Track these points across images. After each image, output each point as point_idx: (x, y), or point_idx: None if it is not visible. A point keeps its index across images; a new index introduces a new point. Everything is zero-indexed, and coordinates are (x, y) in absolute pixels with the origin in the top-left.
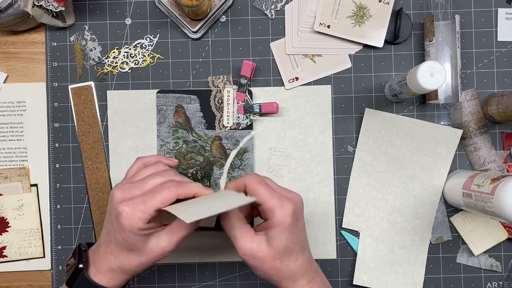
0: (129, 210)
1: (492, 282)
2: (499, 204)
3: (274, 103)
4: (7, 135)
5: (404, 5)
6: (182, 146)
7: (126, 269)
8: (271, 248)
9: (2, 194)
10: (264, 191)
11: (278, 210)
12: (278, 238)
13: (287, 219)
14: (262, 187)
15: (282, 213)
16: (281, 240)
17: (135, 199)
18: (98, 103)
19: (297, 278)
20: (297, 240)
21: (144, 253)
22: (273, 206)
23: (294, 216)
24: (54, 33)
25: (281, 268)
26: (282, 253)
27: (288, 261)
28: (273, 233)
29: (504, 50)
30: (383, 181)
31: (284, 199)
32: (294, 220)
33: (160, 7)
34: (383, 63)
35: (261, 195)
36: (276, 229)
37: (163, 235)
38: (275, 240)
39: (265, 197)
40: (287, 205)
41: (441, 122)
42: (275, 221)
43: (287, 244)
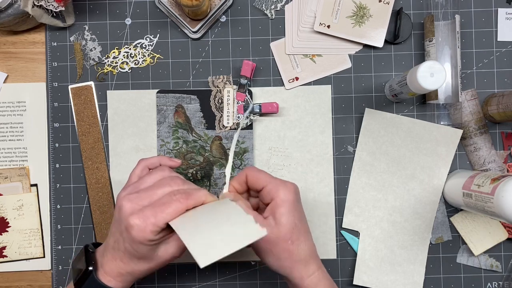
0: (140, 223)
1: (492, 282)
2: (499, 204)
3: (274, 103)
4: (7, 135)
5: (404, 5)
6: (182, 146)
7: (135, 274)
8: (281, 227)
9: (2, 194)
10: (265, 176)
11: (282, 188)
12: (286, 216)
13: (291, 195)
14: (263, 173)
15: (286, 190)
16: (288, 217)
17: (145, 211)
18: (98, 103)
19: (308, 262)
20: (302, 220)
21: (154, 260)
22: (276, 185)
23: (296, 194)
24: (54, 33)
25: (293, 249)
26: (291, 232)
27: (298, 241)
28: (280, 211)
29: (504, 50)
30: (383, 181)
31: (285, 181)
32: (297, 198)
33: (160, 7)
34: (383, 63)
35: (263, 179)
36: (282, 207)
37: (172, 242)
38: (283, 218)
39: (267, 180)
40: (289, 185)
41: (441, 122)
42: (280, 199)
43: (294, 221)
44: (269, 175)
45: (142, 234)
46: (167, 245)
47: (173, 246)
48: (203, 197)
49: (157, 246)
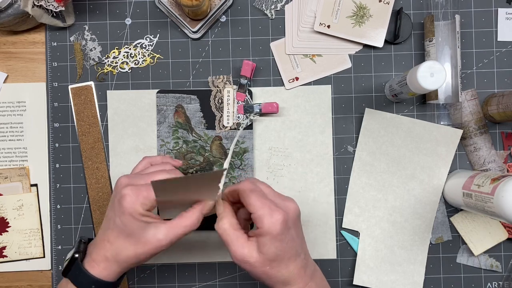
0: (132, 194)
1: (492, 282)
2: (499, 204)
3: (274, 103)
4: (7, 135)
5: (404, 5)
6: (182, 146)
7: (120, 258)
8: (261, 254)
9: (2, 194)
10: (255, 200)
11: (268, 219)
12: (268, 246)
13: (276, 228)
14: (254, 196)
15: (271, 222)
16: (270, 248)
17: (140, 186)
18: (98, 103)
19: (289, 283)
20: (288, 249)
21: (140, 242)
22: (262, 215)
23: (284, 225)
24: (54, 33)
25: (272, 274)
26: (271, 260)
27: (279, 267)
28: (263, 240)
29: (504, 50)
30: (383, 181)
31: (275, 209)
32: (283, 229)
33: (160, 7)
34: (383, 63)
35: (252, 204)
36: (266, 237)
37: (162, 227)
38: (265, 248)
39: (255, 206)
40: (277, 215)
41: (441, 122)
42: (264, 229)
43: (276, 252)
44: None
45: (132, 205)
46: (156, 229)
47: (162, 233)
48: None
49: (147, 227)
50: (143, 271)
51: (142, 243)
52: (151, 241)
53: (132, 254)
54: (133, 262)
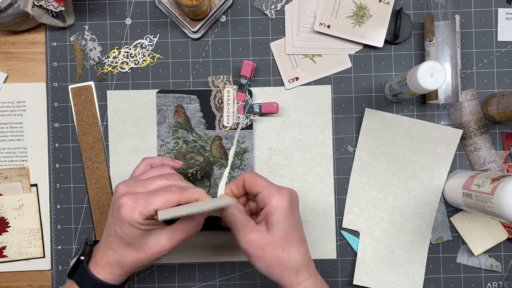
0: (131, 203)
1: (492, 282)
2: (499, 204)
3: (274, 103)
4: (7, 135)
5: (404, 5)
6: (182, 146)
7: (123, 264)
8: (271, 234)
9: (2, 194)
10: (261, 181)
11: (276, 195)
12: (277, 223)
13: (284, 202)
14: (260, 178)
15: (279, 197)
16: (280, 224)
17: (139, 195)
18: (98, 103)
19: (299, 270)
20: (296, 228)
21: (142, 250)
22: (270, 191)
23: (290, 202)
24: (54, 33)
25: (283, 257)
26: (283, 239)
27: (290, 248)
28: (272, 218)
29: (504, 50)
30: (383, 181)
31: (281, 188)
32: (290, 206)
33: (160, 7)
34: (383, 63)
35: (259, 184)
36: (275, 214)
37: (163, 233)
38: (275, 226)
39: (262, 185)
40: (284, 192)
41: (441, 122)
42: (273, 206)
43: (286, 229)
44: (266, 180)
45: (131, 214)
46: (158, 236)
47: (164, 239)
48: (197, 194)
49: (148, 234)
50: (143, 271)
51: (144, 250)
52: (153, 248)
53: (134, 260)
54: (137, 267)
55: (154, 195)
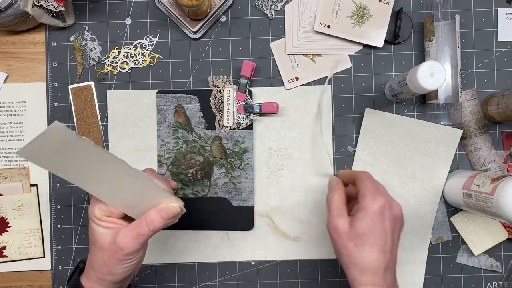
0: (93, 201)
1: (492, 282)
2: (499, 204)
3: (274, 103)
4: (7, 135)
5: (404, 5)
6: (182, 146)
7: (94, 267)
8: (351, 227)
9: (2, 194)
10: (368, 181)
11: (369, 197)
12: (359, 221)
13: (373, 207)
14: (369, 179)
15: (371, 200)
16: (361, 223)
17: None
18: (98, 103)
19: (364, 271)
20: (377, 233)
21: (105, 249)
22: (367, 193)
23: (381, 209)
24: (54, 33)
25: (353, 252)
26: (358, 236)
27: (362, 247)
28: (357, 215)
29: (504, 50)
30: (383, 181)
31: (381, 193)
32: (379, 213)
33: (160, 7)
34: (383, 63)
35: (364, 184)
36: (361, 213)
37: (123, 230)
38: (357, 222)
39: (365, 185)
40: (379, 198)
41: (441, 122)
42: (362, 204)
43: (364, 229)
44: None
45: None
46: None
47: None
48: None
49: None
50: (143, 271)
51: (107, 250)
52: (114, 246)
53: (101, 262)
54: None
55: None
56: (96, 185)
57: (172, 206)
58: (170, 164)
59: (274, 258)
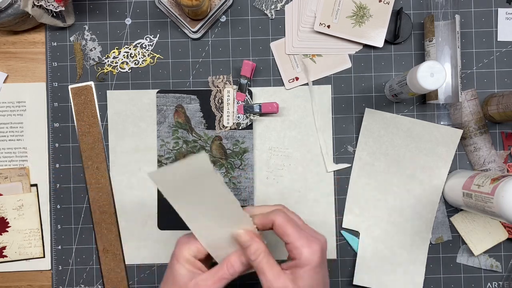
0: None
1: (492, 282)
2: (499, 204)
3: (274, 103)
4: (7, 135)
5: (404, 5)
6: (182, 146)
7: None
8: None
9: (2, 194)
10: (292, 230)
11: (306, 250)
12: (304, 278)
13: (314, 258)
14: (291, 226)
15: (310, 253)
16: (306, 280)
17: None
18: (98, 103)
19: None
20: (321, 280)
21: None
22: (301, 245)
23: (321, 257)
24: (54, 33)
25: None
26: None
27: None
28: (299, 272)
29: (504, 50)
30: (383, 181)
31: (312, 240)
32: (321, 261)
33: (160, 7)
34: (383, 63)
35: (290, 234)
36: (303, 269)
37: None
38: (301, 280)
39: (293, 237)
40: (315, 246)
41: (441, 122)
42: (302, 261)
43: (312, 284)
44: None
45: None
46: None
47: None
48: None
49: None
50: (143, 271)
51: None
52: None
53: None
54: None
55: None
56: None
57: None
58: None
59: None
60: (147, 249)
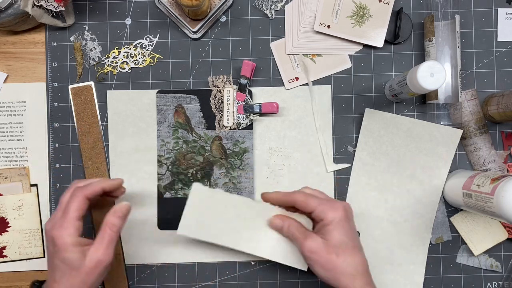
0: (57, 232)
1: (492, 282)
2: (499, 204)
3: (274, 103)
4: (7, 135)
5: (404, 5)
6: (182, 146)
7: None
8: (327, 241)
9: (2, 194)
10: (313, 201)
11: (330, 210)
12: (332, 232)
13: (339, 214)
14: (311, 198)
15: (333, 211)
16: (334, 233)
17: (58, 221)
18: (98, 103)
19: (355, 276)
20: (351, 237)
21: (84, 271)
22: (325, 209)
23: (345, 214)
24: (54, 33)
25: (338, 262)
26: (337, 247)
27: (344, 255)
28: (328, 228)
29: (504, 50)
30: (383, 181)
31: (334, 201)
32: (345, 217)
33: (160, 7)
34: (383, 63)
35: (312, 204)
36: (330, 226)
37: (94, 245)
38: (330, 234)
39: (315, 205)
40: (338, 205)
41: (441, 122)
42: (328, 220)
43: (341, 237)
44: (318, 199)
45: (62, 241)
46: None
47: (97, 250)
48: (101, 184)
49: (83, 254)
50: (143, 271)
51: (86, 270)
52: (92, 264)
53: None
54: None
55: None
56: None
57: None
58: (170, 164)
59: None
60: (147, 249)
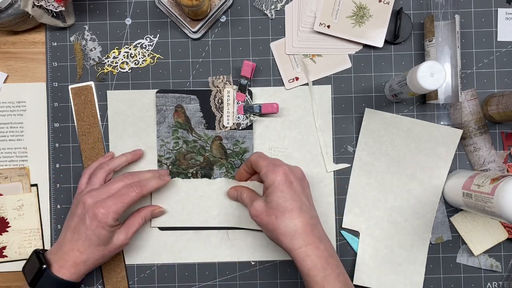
0: (104, 211)
1: (492, 282)
2: (499, 204)
3: (274, 104)
4: (7, 135)
5: (404, 5)
6: (182, 146)
7: (89, 262)
8: (266, 204)
9: (2, 194)
10: (262, 161)
11: (271, 173)
12: (271, 195)
13: (277, 178)
14: (262, 158)
15: (273, 175)
16: (273, 196)
17: (107, 201)
18: (98, 103)
19: (293, 237)
20: (290, 199)
21: (108, 247)
22: (267, 171)
23: (285, 177)
24: (54, 33)
25: (277, 224)
26: (275, 209)
27: (282, 217)
28: (268, 191)
29: (504, 50)
30: (383, 181)
31: (278, 165)
32: (284, 181)
33: (160, 7)
34: (383, 63)
35: (260, 164)
36: (270, 188)
37: (122, 230)
38: (269, 197)
39: (262, 166)
40: (279, 169)
41: (441, 122)
42: (268, 183)
43: (278, 201)
44: (267, 160)
45: (105, 220)
46: (119, 233)
47: (123, 233)
48: (155, 185)
49: (113, 234)
50: (143, 271)
51: (110, 248)
52: (116, 243)
53: (99, 256)
54: (100, 263)
55: (121, 198)
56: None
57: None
58: (170, 164)
59: (274, 258)
60: (147, 249)
